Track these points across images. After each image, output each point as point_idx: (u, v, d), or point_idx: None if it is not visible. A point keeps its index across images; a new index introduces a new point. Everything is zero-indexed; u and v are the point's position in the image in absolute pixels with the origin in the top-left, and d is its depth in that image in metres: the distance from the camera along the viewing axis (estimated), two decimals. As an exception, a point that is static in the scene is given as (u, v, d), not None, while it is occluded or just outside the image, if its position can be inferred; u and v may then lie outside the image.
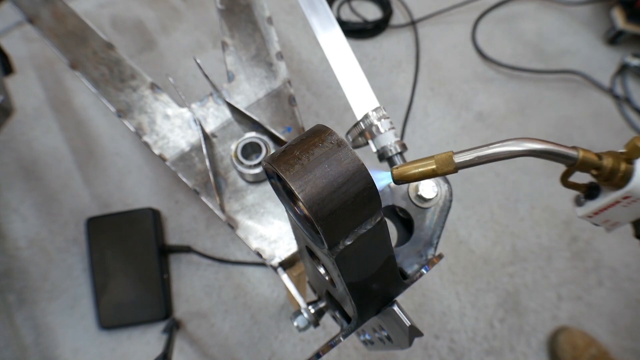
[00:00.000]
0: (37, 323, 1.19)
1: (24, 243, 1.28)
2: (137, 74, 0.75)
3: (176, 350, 1.13)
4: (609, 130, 1.53)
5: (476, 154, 0.37)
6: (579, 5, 1.78)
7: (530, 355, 1.19)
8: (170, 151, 0.71)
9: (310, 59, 1.63)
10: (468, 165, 0.37)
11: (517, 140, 0.36)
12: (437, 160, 0.38)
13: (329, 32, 0.69)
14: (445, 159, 0.38)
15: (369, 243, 0.33)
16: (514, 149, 0.36)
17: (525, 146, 0.36)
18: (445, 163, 0.38)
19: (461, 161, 0.37)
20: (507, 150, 0.36)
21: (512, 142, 0.36)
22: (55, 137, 1.44)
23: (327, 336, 1.19)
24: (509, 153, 0.36)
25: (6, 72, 0.89)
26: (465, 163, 0.37)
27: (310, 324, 0.54)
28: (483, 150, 0.36)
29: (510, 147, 0.36)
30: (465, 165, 0.37)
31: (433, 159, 0.39)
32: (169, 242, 1.29)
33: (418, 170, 0.39)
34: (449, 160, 0.38)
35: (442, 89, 1.60)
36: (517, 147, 0.36)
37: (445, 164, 0.38)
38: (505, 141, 0.36)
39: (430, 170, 0.38)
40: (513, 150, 0.36)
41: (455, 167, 0.38)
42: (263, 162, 0.32)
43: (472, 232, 1.34)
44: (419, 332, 0.42)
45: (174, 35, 1.65)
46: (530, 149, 0.36)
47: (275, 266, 0.64)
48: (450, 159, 0.38)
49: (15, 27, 1.64)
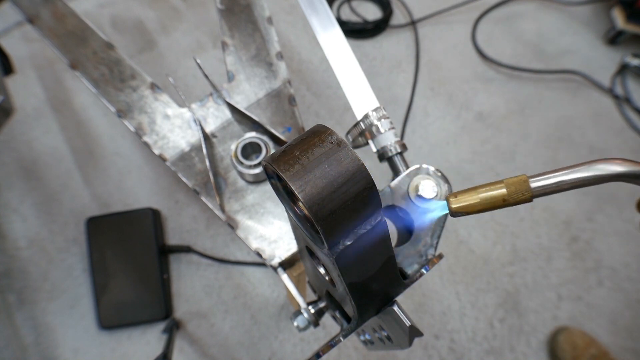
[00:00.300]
0: (37, 323, 1.19)
1: (24, 243, 1.28)
2: (137, 74, 0.75)
3: (176, 350, 1.13)
4: (609, 130, 1.53)
5: (556, 179, 0.31)
6: (579, 5, 1.78)
7: (530, 355, 1.19)
8: (170, 151, 0.71)
9: (310, 59, 1.63)
10: (545, 192, 0.32)
11: (604, 161, 0.31)
12: (508, 185, 0.32)
13: (329, 32, 0.69)
14: (519, 184, 0.32)
15: (369, 243, 0.33)
16: (602, 173, 0.30)
17: (611, 170, 0.30)
18: (518, 190, 0.32)
19: (538, 186, 0.31)
20: (593, 175, 0.30)
21: (599, 165, 0.30)
22: (55, 137, 1.44)
23: (327, 336, 1.19)
24: (596, 178, 0.30)
25: (6, 72, 0.89)
26: (543, 190, 0.31)
27: (310, 324, 0.54)
28: (563, 174, 0.31)
29: (594, 171, 0.30)
30: (543, 193, 0.32)
31: (503, 183, 0.32)
32: (169, 242, 1.29)
33: (483, 198, 0.32)
34: (524, 187, 0.31)
35: (442, 89, 1.60)
36: (602, 171, 0.30)
37: (519, 191, 0.32)
38: (585, 164, 0.31)
39: (499, 198, 0.32)
40: (600, 175, 0.30)
41: (532, 194, 0.32)
42: (263, 162, 0.32)
43: (472, 232, 1.34)
44: (419, 332, 0.42)
45: (174, 35, 1.65)
46: (621, 172, 0.30)
47: (275, 266, 0.64)
48: (526, 184, 0.31)
49: (15, 27, 1.64)
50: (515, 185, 0.32)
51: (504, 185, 0.32)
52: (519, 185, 0.32)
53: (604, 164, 0.31)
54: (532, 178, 0.32)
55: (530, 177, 0.32)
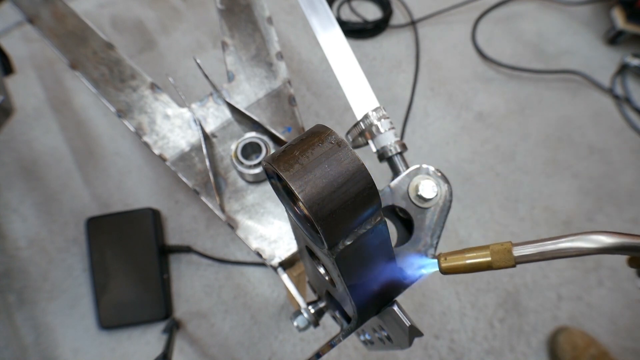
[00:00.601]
0: (37, 323, 1.19)
1: (24, 243, 1.28)
2: (137, 74, 0.75)
3: (176, 350, 1.13)
4: (609, 130, 1.53)
5: (539, 249, 0.32)
6: (579, 5, 1.78)
7: (530, 355, 1.19)
8: (170, 151, 0.71)
9: (310, 59, 1.63)
10: (528, 260, 0.33)
11: (586, 234, 0.31)
12: (493, 253, 0.34)
13: (329, 32, 0.69)
14: (503, 253, 0.34)
15: (369, 243, 0.33)
16: (584, 245, 0.31)
17: (596, 242, 0.31)
18: (503, 257, 0.34)
19: (521, 255, 0.33)
20: (575, 247, 0.31)
21: (580, 238, 0.31)
22: (55, 137, 1.44)
23: (327, 336, 1.19)
24: (578, 251, 0.31)
25: (6, 72, 0.89)
26: (526, 258, 0.33)
27: (310, 324, 0.54)
28: (547, 245, 0.32)
29: (579, 243, 0.31)
30: (525, 261, 0.33)
31: (488, 249, 0.35)
32: (169, 242, 1.29)
33: (470, 262, 0.35)
34: (508, 255, 0.34)
35: (442, 89, 1.60)
36: (587, 243, 0.31)
37: (504, 258, 0.34)
38: (572, 236, 0.32)
39: (484, 263, 0.35)
40: (582, 248, 0.31)
41: (515, 262, 0.34)
42: (263, 162, 0.32)
43: (472, 232, 1.34)
44: (419, 332, 0.42)
45: (174, 35, 1.65)
46: (604, 246, 0.31)
47: (275, 266, 0.64)
48: (510, 253, 0.33)
49: (15, 27, 1.64)
50: (499, 254, 0.34)
51: (489, 253, 0.34)
52: (502, 254, 0.34)
53: (586, 236, 0.31)
54: (517, 246, 0.34)
55: (516, 245, 0.34)
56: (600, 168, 1.45)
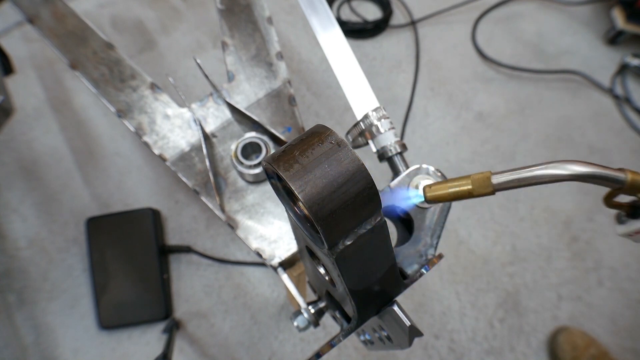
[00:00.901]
0: (37, 323, 1.19)
1: (24, 243, 1.28)
2: (137, 74, 0.75)
3: (176, 350, 1.13)
4: (609, 130, 1.53)
5: (516, 176, 0.35)
6: (579, 5, 1.78)
7: (530, 355, 1.19)
8: (170, 151, 0.71)
9: (310, 59, 1.63)
10: (506, 187, 0.35)
11: (560, 162, 0.34)
12: (473, 181, 0.37)
13: (329, 32, 0.69)
14: (483, 180, 0.36)
15: (369, 243, 0.33)
16: (557, 172, 0.34)
17: (569, 169, 0.33)
18: (482, 184, 0.36)
19: (499, 182, 0.35)
20: (549, 173, 0.34)
21: (555, 165, 0.34)
22: (55, 137, 1.44)
23: (327, 336, 1.19)
24: (552, 177, 0.34)
25: (6, 72, 0.89)
26: (504, 185, 0.35)
27: (310, 324, 0.54)
28: (523, 172, 0.34)
29: (553, 170, 0.34)
30: (504, 188, 0.35)
31: (469, 179, 0.37)
32: (169, 242, 1.29)
33: (452, 191, 0.38)
34: (487, 182, 0.36)
35: (442, 89, 1.60)
36: (560, 170, 0.34)
37: (483, 185, 0.36)
38: (548, 164, 0.34)
39: (465, 191, 0.37)
40: (556, 174, 0.34)
41: (493, 189, 0.36)
42: (263, 162, 0.32)
43: (472, 232, 1.34)
44: (419, 332, 0.42)
45: (174, 35, 1.65)
46: (575, 173, 0.33)
47: (275, 266, 0.64)
48: (488, 180, 0.36)
49: (15, 27, 1.64)
50: (479, 182, 0.36)
51: (471, 181, 0.37)
52: (482, 181, 0.36)
53: (560, 164, 0.34)
54: (496, 175, 0.36)
55: (494, 174, 0.36)
56: (600, 168, 1.45)
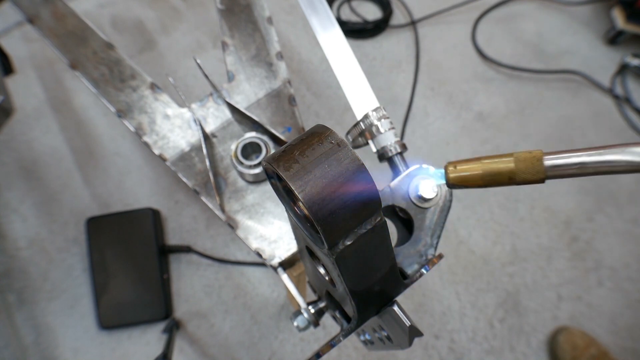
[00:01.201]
0: (37, 323, 1.19)
1: (24, 243, 1.28)
2: (137, 74, 0.75)
3: (176, 350, 1.13)
4: (609, 130, 1.53)
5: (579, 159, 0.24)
6: (579, 5, 1.78)
7: (530, 355, 1.19)
8: (170, 151, 0.71)
9: (310, 59, 1.63)
10: (562, 175, 0.25)
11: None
12: (518, 161, 0.26)
13: (329, 32, 0.69)
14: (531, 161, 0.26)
15: (369, 243, 0.33)
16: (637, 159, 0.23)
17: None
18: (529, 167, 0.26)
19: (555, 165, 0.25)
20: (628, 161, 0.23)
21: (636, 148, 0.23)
22: (55, 137, 1.44)
23: (327, 336, 1.19)
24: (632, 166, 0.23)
25: (6, 72, 0.89)
26: (560, 171, 0.25)
27: (310, 324, 0.54)
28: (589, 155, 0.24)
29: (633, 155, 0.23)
30: (559, 175, 0.26)
31: (512, 157, 0.27)
32: (169, 242, 1.29)
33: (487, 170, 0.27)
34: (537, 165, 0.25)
35: (442, 89, 1.60)
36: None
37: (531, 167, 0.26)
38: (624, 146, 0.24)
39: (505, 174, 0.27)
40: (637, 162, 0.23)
41: (545, 174, 0.26)
42: (263, 162, 0.32)
43: (472, 232, 1.34)
44: (419, 332, 0.42)
45: (174, 35, 1.65)
46: None
47: (275, 266, 0.64)
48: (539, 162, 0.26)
49: (15, 27, 1.64)
50: (526, 162, 0.26)
51: (513, 160, 0.27)
52: (531, 162, 0.26)
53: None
54: (549, 155, 0.26)
55: (547, 154, 0.26)
56: (600, 168, 1.45)
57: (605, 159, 0.24)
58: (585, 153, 0.25)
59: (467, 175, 0.29)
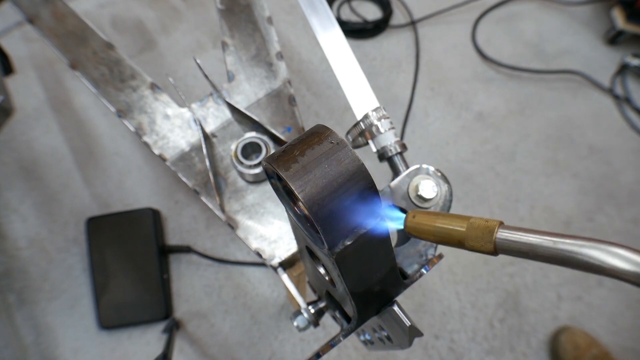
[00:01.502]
0: (37, 323, 1.19)
1: (24, 243, 1.28)
2: (137, 74, 0.75)
3: (176, 350, 1.13)
4: (609, 130, 1.53)
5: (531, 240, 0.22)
6: (579, 5, 1.78)
7: (531, 355, 1.19)
8: (170, 151, 0.71)
9: (310, 59, 1.63)
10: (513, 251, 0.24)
11: (607, 245, 0.21)
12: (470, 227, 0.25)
13: (329, 32, 0.69)
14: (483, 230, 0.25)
15: (369, 243, 0.33)
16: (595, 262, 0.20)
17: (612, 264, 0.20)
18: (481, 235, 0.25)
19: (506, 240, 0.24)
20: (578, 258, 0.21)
21: (598, 246, 0.21)
22: (55, 137, 1.44)
23: (327, 336, 1.19)
24: (581, 263, 0.21)
25: (6, 72, 0.89)
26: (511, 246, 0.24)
27: (310, 324, 0.54)
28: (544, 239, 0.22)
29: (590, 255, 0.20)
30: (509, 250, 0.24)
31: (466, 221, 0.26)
32: (169, 242, 1.29)
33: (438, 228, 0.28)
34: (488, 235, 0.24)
35: (442, 89, 1.60)
36: (601, 260, 0.20)
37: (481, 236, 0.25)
38: (586, 241, 0.21)
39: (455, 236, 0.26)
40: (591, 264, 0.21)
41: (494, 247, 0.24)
42: (263, 162, 0.32)
43: (472, 232, 1.34)
44: (419, 332, 0.42)
45: (174, 35, 1.65)
46: (622, 270, 0.20)
47: (275, 266, 0.64)
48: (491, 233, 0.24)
49: (15, 27, 1.64)
50: (477, 231, 0.25)
51: (466, 226, 0.26)
52: (482, 231, 0.25)
53: (606, 248, 0.21)
54: (505, 229, 0.25)
55: (504, 227, 0.25)
56: (600, 168, 1.45)
57: (558, 248, 0.22)
58: (542, 237, 0.23)
59: (421, 228, 0.30)
